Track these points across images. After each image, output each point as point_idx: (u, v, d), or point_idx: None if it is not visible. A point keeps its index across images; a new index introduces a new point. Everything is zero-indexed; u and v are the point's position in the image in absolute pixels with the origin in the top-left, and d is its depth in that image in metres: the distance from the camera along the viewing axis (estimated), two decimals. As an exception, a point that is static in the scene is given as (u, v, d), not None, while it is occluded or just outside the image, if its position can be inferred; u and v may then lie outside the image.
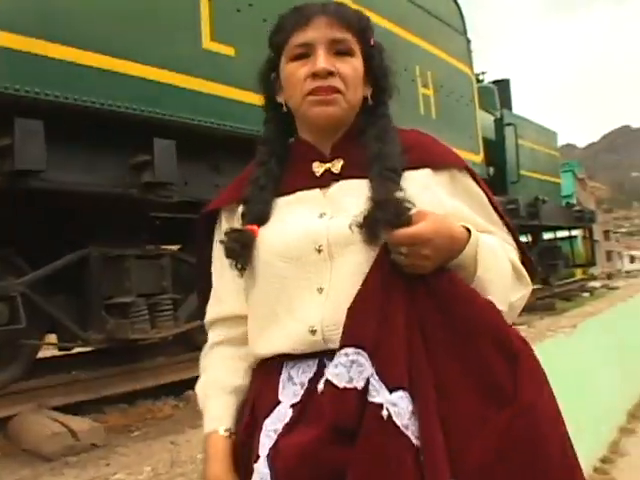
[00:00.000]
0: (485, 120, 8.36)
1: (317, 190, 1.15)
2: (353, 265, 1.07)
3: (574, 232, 12.17)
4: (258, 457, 1.04)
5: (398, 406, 0.96)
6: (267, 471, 1.01)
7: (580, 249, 13.13)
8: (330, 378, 0.99)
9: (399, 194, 1.05)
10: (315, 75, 1.11)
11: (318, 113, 1.13)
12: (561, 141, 11.11)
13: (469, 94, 7.21)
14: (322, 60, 1.12)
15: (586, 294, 11.65)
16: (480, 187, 1.20)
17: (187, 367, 4.14)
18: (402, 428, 0.95)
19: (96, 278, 3.69)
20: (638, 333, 7.22)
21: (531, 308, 8.62)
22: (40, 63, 2.94)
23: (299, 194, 1.16)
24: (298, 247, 1.09)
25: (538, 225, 9.45)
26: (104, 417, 3.69)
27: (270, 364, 1.13)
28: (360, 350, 0.99)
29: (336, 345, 1.03)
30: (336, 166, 1.17)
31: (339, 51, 1.14)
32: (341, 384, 0.98)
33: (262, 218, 1.14)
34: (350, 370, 0.98)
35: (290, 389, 1.08)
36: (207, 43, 3.47)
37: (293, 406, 1.06)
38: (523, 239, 10.38)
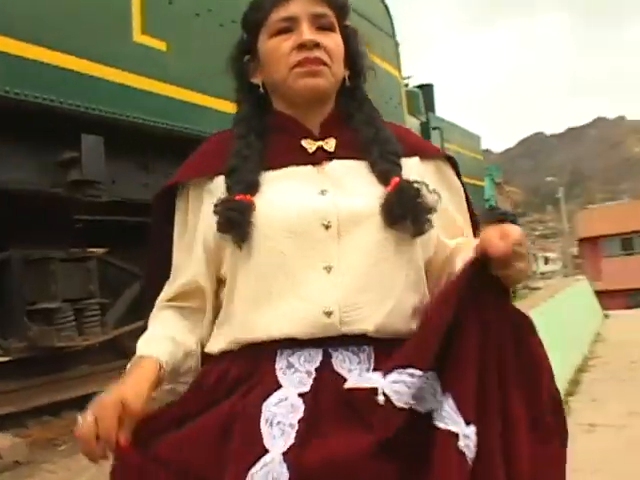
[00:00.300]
0: (411, 124, 8.42)
1: (309, 167, 1.12)
2: (365, 245, 1.04)
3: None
4: (265, 450, 0.93)
5: (470, 439, 0.92)
6: (285, 471, 0.91)
7: None
8: (387, 392, 0.93)
9: (417, 180, 1.06)
10: (301, 46, 1.10)
11: (306, 84, 1.11)
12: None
13: (397, 97, 7.27)
14: (308, 32, 1.11)
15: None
16: (460, 180, 1.21)
17: (115, 375, 3.95)
18: (470, 462, 0.91)
19: (17, 282, 3.47)
20: (563, 328, 7.51)
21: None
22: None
23: (289, 169, 1.11)
24: (304, 222, 1.04)
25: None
26: (27, 431, 3.44)
27: (257, 350, 1.03)
28: (430, 373, 0.94)
29: (351, 329, 1.00)
30: (329, 144, 1.15)
31: (321, 26, 1.13)
32: (399, 403, 0.93)
33: (253, 189, 1.07)
34: (413, 390, 0.93)
35: (294, 376, 1.00)
36: (138, 36, 3.32)
37: (302, 395, 0.98)
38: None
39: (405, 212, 1.04)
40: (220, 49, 4.60)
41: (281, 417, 0.96)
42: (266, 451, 0.93)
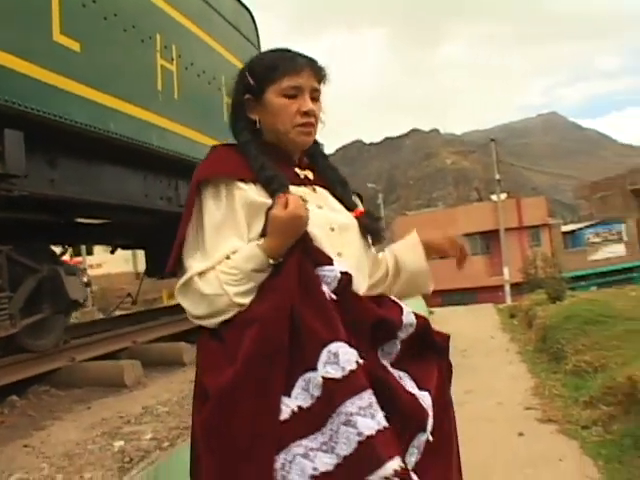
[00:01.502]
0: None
1: (304, 187, 1.64)
2: (354, 243, 1.66)
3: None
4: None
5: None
6: None
7: None
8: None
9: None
10: (305, 113, 1.61)
11: (303, 140, 1.65)
12: None
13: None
14: (310, 103, 1.62)
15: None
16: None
17: (10, 371, 3.96)
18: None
19: None
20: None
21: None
22: None
23: (292, 187, 1.58)
24: (321, 223, 1.58)
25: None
26: None
27: None
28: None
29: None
30: (310, 174, 1.71)
31: (314, 97, 1.65)
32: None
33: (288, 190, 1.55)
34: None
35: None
36: (57, 36, 3.41)
37: None
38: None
39: (373, 231, 1.73)
40: (124, 52, 4.90)
41: None
42: None
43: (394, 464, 1.27)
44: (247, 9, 7.38)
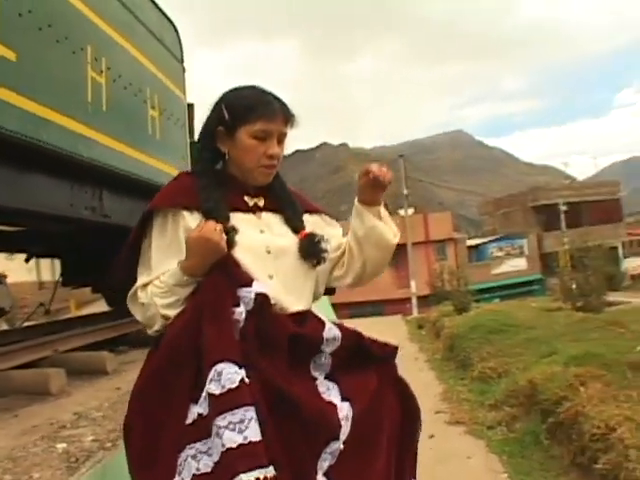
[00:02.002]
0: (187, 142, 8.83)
1: (251, 214, 1.84)
2: (289, 266, 1.81)
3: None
4: None
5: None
6: None
7: None
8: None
9: (317, 233, 1.87)
10: (270, 156, 1.81)
11: (264, 178, 1.86)
12: None
13: (183, 118, 7.73)
14: (276, 147, 1.82)
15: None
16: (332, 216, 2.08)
17: None
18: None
19: None
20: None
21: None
22: None
23: (238, 214, 1.79)
24: (256, 247, 1.76)
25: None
26: None
27: None
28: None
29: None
30: (261, 201, 1.88)
31: (280, 140, 1.84)
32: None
33: (225, 219, 1.73)
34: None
35: None
36: (-5, 45, 3.44)
37: None
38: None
39: (312, 253, 1.83)
40: (57, 63, 4.99)
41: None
42: None
43: (248, 476, 1.42)
44: (171, 22, 7.44)
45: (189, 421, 1.56)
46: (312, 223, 1.94)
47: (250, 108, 1.79)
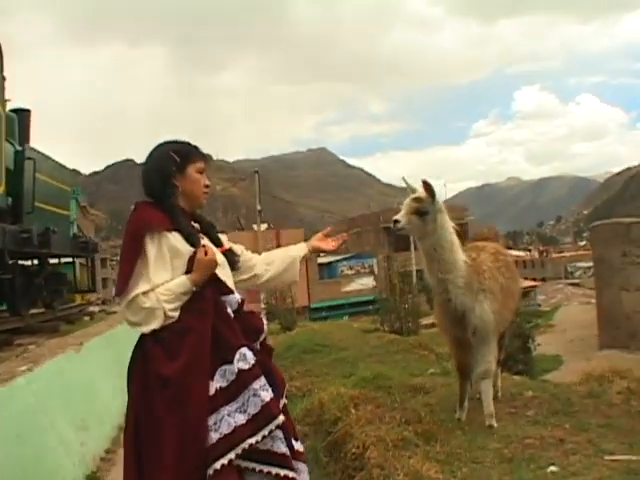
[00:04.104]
0: (7, 151, 8.53)
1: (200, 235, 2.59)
2: (227, 271, 2.66)
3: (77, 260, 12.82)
4: None
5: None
6: None
7: (82, 276, 13.64)
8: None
9: (235, 247, 2.83)
10: (207, 186, 2.66)
11: (204, 202, 2.72)
12: (67, 166, 11.65)
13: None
14: (207, 179, 2.67)
15: (87, 317, 12.45)
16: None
17: None
18: None
19: None
20: (128, 349, 8.43)
21: (35, 331, 9.02)
22: None
23: None
24: (220, 260, 2.59)
25: (46, 253, 9.83)
26: None
27: None
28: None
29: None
30: (197, 227, 2.64)
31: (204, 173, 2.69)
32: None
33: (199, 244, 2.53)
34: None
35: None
36: None
37: None
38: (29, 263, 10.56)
39: (232, 263, 2.70)
40: None
41: None
42: None
43: (281, 418, 2.36)
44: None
45: (212, 393, 2.30)
46: (225, 239, 2.79)
47: (192, 151, 2.64)
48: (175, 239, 2.47)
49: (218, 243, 2.68)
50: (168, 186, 2.54)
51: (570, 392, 5.14)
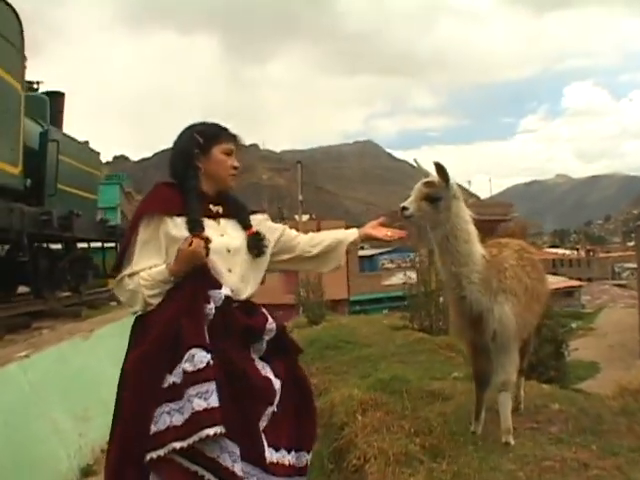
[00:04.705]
0: (32, 131, 8.46)
1: (212, 220, 2.50)
2: (242, 259, 2.51)
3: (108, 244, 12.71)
4: None
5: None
6: None
7: (112, 261, 13.46)
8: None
9: (260, 232, 2.62)
10: (235, 167, 2.60)
11: (233, 183, 2.62)
12: (115, 152, 11.54)
13: (16, 109, 7.30)
14: (236, 160, 2.60)
15: (114, 303, 12.31)
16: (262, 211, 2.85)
17: None
18: None
19: None
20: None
21: (58, 314, 8.92)
22: None
23: (206, 220, 2.46)
24: (219, 249, 2.42)
25: (72, 237, 9.78)
26: None
27: None
28: None
29: (238, 297, 2.46)
30: (220, 209, 2.56)
31: (235, 154, 2.61)
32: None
33: (203, 230, 2.40)
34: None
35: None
36: None
37: None
38: (57, 247, 10.53)
39: (255, 248, 2.55)
40: None
41: None
42: None
43: (209, 431, 2.13)
44: (12, 8, 7.05)
45: (165, 385, 2.22)
46: (257, 221, 2.65)
47: (218, 133, 2.57)
48: (175, 225, 2.40)
49: (246, 225, 2.59)
50: (190, 168, 2.51)
51: (602, 407, 4.65)
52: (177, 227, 2.40)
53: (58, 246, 10.71)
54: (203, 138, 2.52)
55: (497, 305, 3.71)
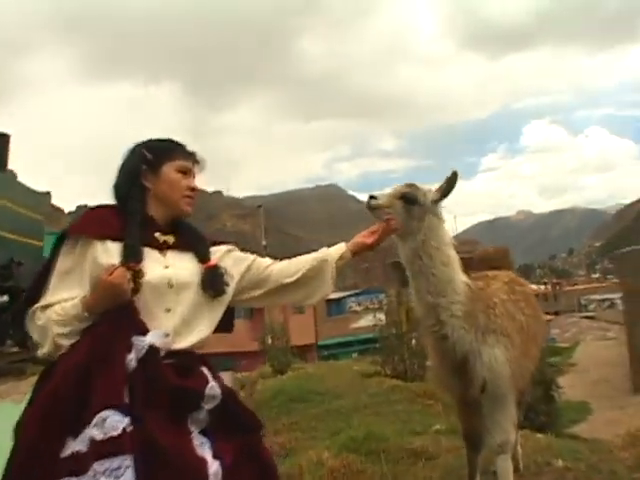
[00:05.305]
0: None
1: (156, 251, 2.03)
2: (190, 296, 2.02)
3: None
4: None
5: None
6: None
7: None
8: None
9: (221, 266, 2.14)
10: (192, 189, 2.17)
11: (188, 208, 2.18)
12: (79, 202, 11.14)
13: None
14: (194, 181, 2.19)
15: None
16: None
17: None
18: None
19: None
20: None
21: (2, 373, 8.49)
22: None
23: (147, 250, 1.99)
24: (157, 282, 1.96)
25: (16, 287, 9.13)
26: None
27: None
28: None
29: (176, 345, 1.95)
30: (170, 239, 2.10)
31: (194, 175, 2.22)
32: None
33: (140, 260, 1.93)
34: None
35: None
36: None
37: None
38: (2, 299, 9.80)
39: (212, 285, 2.07)
40: None
41: None
42: None
43: None
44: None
45: (65, 454, 1.72)
46: (221, 253, 2.22)
47: (170, 148, 2.16)
48: (105, 250, 1.94)
49: (204, 258, 2.12)
50: (135, 187, 2.09)
51: (613, 460, 4.03)
52: (107, 253, 1.93)
53: (4, 298, 9.94)
54: (152, 154, 2.11)
55: (486, 347, 3.07)
